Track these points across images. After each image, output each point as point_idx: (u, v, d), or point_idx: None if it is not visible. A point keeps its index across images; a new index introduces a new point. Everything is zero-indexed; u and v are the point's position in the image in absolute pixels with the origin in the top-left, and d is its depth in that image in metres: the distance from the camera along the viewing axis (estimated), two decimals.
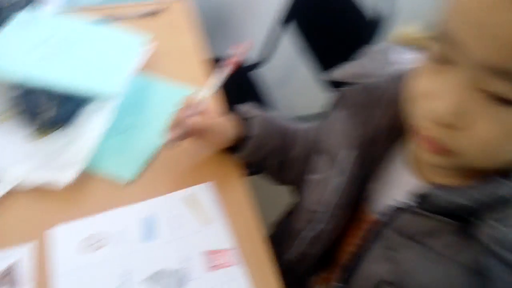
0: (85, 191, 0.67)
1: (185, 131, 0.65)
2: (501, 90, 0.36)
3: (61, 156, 0.69)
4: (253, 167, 0.75)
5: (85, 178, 0.68)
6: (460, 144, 0.41)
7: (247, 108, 0.72)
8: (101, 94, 0.74)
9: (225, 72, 0.67)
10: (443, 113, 0.40)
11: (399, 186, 0.55)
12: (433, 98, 0.41)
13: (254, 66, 1.40)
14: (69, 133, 0.73)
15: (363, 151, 0.57)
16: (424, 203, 0.48)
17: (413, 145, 0.52)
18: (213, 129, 0.68)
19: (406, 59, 0.58)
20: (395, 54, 0.59)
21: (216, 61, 0.74)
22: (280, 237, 0.73)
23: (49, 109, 0.72)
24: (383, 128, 0.55)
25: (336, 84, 0.63)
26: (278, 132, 0.73)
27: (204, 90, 0.68)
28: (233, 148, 0.71)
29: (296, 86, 1.63)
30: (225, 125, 0.69)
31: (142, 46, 0.85)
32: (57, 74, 0.73)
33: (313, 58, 1.23)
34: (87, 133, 0.71)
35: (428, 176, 0.51)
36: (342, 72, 0.62)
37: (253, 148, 0.70)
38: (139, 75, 0.83)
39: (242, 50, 0.66)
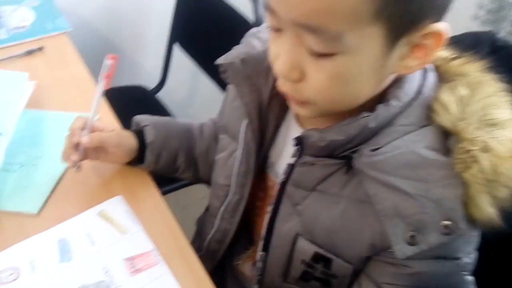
0: None
1: (82, 151, 0.67)
2: (313, 44, 0.43)
3: None
4: (165, 174, 0.77)
5: None
6: (305, 94, 0.47)
7: (141, 118, 0.75)
8: None
9: (101, 87, 0.69)
10: (282, 70, 0.46)
11: (290, 144, 0.59)
12: (276, 60, 0.47)
13: (155, 90, 1.43)
14: None
15: (253, 119, 0.61)
16: (305, 148, 0.53)
17: None
18: (108, 142, 0.70)
19: None
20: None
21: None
22: (203, 222, 0.76)
23: None
24: (268, 95, 0.60)
25: None
26: (177, 133, 0.77)
27: (91, 111, 0.70)
28: (136, 160, 0.73)
29: (200, 102, 1.68)
30: (119, 138, 0.72)
31: (23, 84, 0.84)
32: None
33: (209, 70, 1.29)
34: None
35: (310, 125, 0.56)
36: (227, 56, 0.65)
37: (153, 155, 0.73)
38: (27, 112, 0.82)
39: (110, 64, 0.68)
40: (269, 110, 0.61)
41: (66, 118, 0.83)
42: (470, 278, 0.52)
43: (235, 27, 1.13)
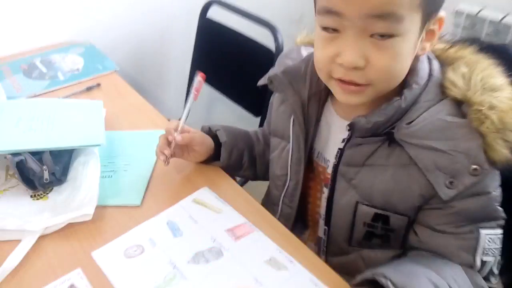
0: (107, 219, 0.76)
1: (173, 148, 0.80)
2: (380, 29, 0.56)
3: (73, 202, 0.78)
4: (232, 171, 0.91)
5: (103, 210, 0.78)
6: (368, 77, 0.60)
7: (210, 125, 0.90)
8: (87, 146, 0.85)
9: (191, 99, 0.85)
10: (350, 61, 0.58)
11: (335, 133, 0.75)
12: (340, 55, 0.59)
13: None
14: (68, 185, 0.82)
15: (297, 115, 0.75)
16: (355, 132, 0.67)
17: (334, 98, 0.71)
18: (195, 141, 0.84)
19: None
20: (304, 52, 0.81)
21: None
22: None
23: (41, 173, 0.81)
24: (307, 95, 0.75)
25: None
26: (242, 137, 0.92)
27: (182, 116, 0.84)
28: (212, 157, 0.87)
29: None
30: (203, 137, 0.86)
31: (101, 109, 0.98)
32: (44, 139, 0.84)
33: (232, 96, 1.45)
34: (87, 178, 0.81)
35: (351, 116, 0.68)
36: (265, 77, 0.81)
37: (226, 153, 0.87)
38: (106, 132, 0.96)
39: (199, 80, 0.84)
40: (309, 108, 0.75)
41: (137, 135, 0.97)
42: (500, 208, 0.65)
43: (255, 56, 1.31)
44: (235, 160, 0.89)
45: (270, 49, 1.25)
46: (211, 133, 0.89)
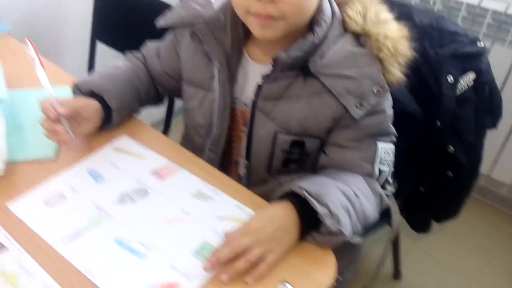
0: (20, 174, 0.73)
1: (62, 122, 0.72)
2: None
3: None
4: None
5: (15, 166, 0.74)
6: (282, 10, 0.66)
7: (89, 85, 0.80)
8: None
9: (40, 68, 0.75)
10: None
11: (251, 78, 0.78)
12: None
13: None
14: None
15: (223, 66, 0.78)
16: (277, 67, 0.72)
17: (249, 44, 0.77)
18: (79, 106, 0.75)
19: None
20: None
21: None
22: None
23: None
24: (229, 45, 0.77)
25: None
26: (126, 89, 0.84)
27: (46, 90, 0.74)
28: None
29: None
30: (86, 101, 0.77)
31: None
32: None
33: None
34: None
35: (267, 59, 0.74)
36: (170, 18, 0.82)
37: (119, 116, 0.81)
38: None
39: (32, 44, 0.74)
40: (232, 54, 0.78)
41: (43, 93, 0.90)
42: (391, 125, 0.76)
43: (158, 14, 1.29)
44: (126, 114, 0.86)
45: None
46: (94, 93, 0.80)
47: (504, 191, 1.61)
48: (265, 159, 0.79)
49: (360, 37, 0.72)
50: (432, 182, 0.97)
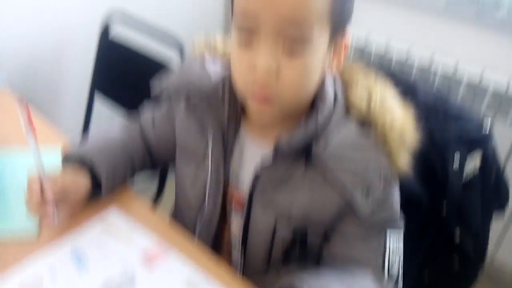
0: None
1: (50, 205, 0.68)
2: (294, 33, 0.58)
3: None
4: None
5: None
6: (277, 92, 0.61)
7: (78, 154, 0.76)
8: None
9: (32, 136, 0.68)
10: (262, 69, 0.59)
11: (248, 158, 0.74)
12: (254, 66, 0.60)
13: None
14: None
15: (218, 139, 0.73)
16: (277, 154, 0.67)
17: (247, 123, 0.73)
18: (67, 186, 0.71)
19: (218, 67, 0.77)
20: (209, 65, 0.77)
21: None
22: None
23: None
24: (226, 118, 0.73)
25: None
26: (120, 159, 0.80)
27: (36, 166, 0.68)
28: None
29: None
30: (74, 180, 0.73)
31: None
32: None
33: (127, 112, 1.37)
34: None
35: (265, 140, 0.71)
36: (165, 88, 0.78)
37: (109, 188, 0.77)
38: None
39: (25, 106, 0.65)
40: (228, 132, 0.74)
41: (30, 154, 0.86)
42: (399, 212, 0.71)
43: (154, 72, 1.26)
44: (118, 184, 0.81)
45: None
46: (84, 164, 0.76)
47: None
48: (263, 248, 0.73)
49: (364, 124, 0.67)
50: (436, 274, 0.91)
